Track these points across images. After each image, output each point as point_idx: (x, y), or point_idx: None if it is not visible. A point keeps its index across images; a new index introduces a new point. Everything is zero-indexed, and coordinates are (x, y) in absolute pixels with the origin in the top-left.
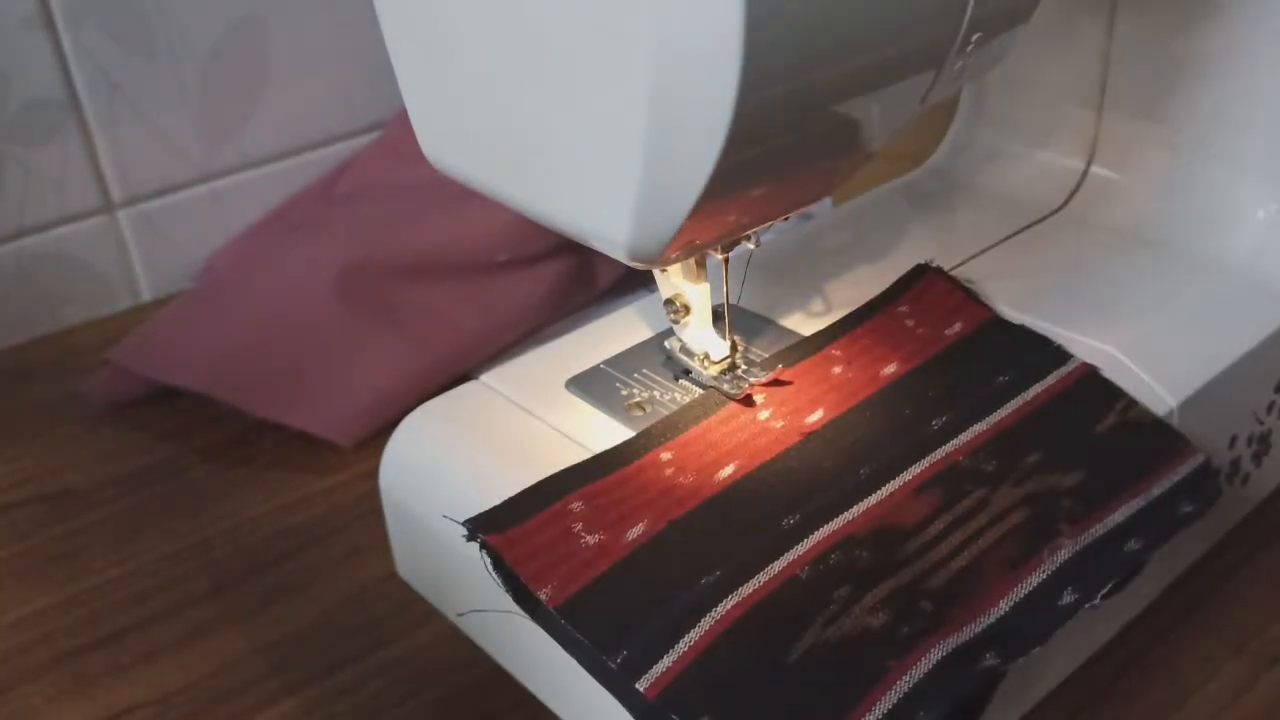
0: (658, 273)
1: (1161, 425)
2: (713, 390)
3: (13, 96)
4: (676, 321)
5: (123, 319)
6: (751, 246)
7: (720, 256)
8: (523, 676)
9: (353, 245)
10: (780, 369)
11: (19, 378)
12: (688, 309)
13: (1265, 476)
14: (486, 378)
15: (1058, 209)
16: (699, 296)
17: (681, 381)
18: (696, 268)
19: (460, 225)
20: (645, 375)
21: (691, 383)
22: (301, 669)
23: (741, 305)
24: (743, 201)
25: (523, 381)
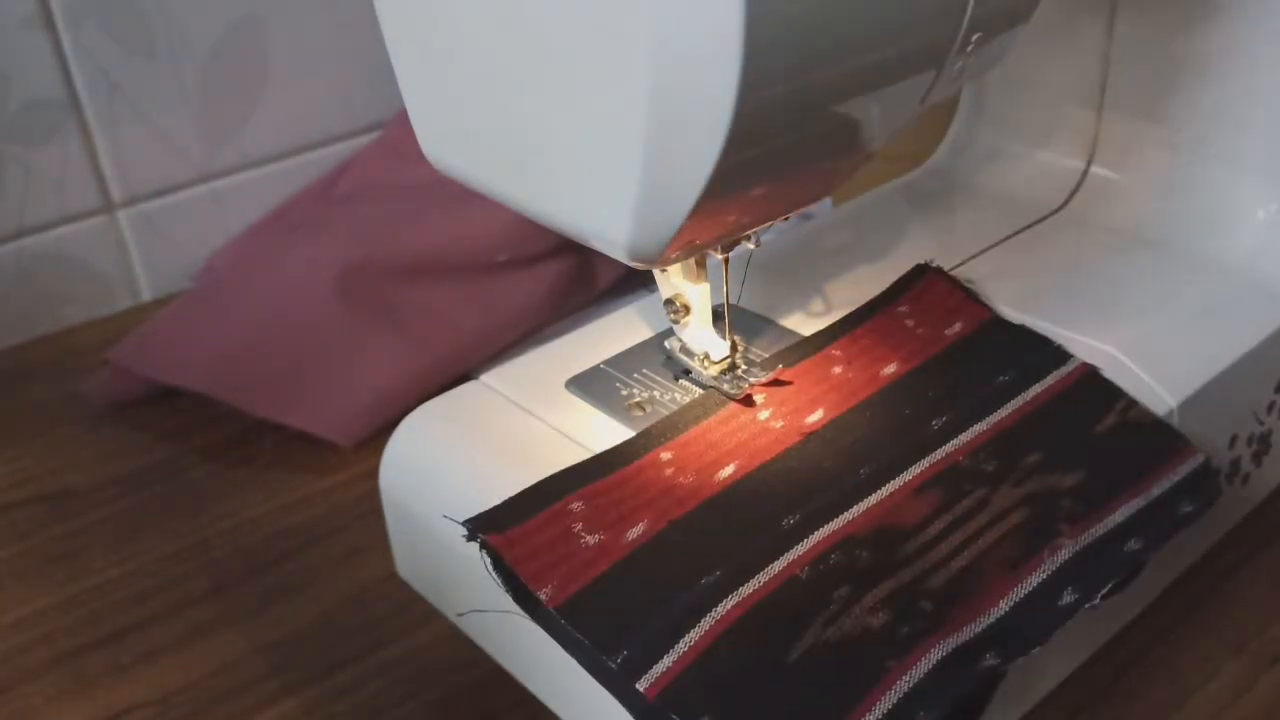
0: (658, 273)
1: (1161, 425)
2: (713, 390)
3: (13, 96)
4: (676, 321)
5: (123, 319)
6: (751, 246)
7: (720, 256)
8: (523, 676)
9: (353, 245)
10: (780, 369)
11: (19, 378)
12: (688, 309)
13: (1265, 476)
14: (486, 378)
15: (1058, 209)
16: (699, 296)
17: (681, 381)
18: (696, 268)
19: (460, 225)
20: (645, 375)
21: (691, 383)
22: (301, 669)
23: (741, 305)
24: (743, 201)
25: (523, 381)
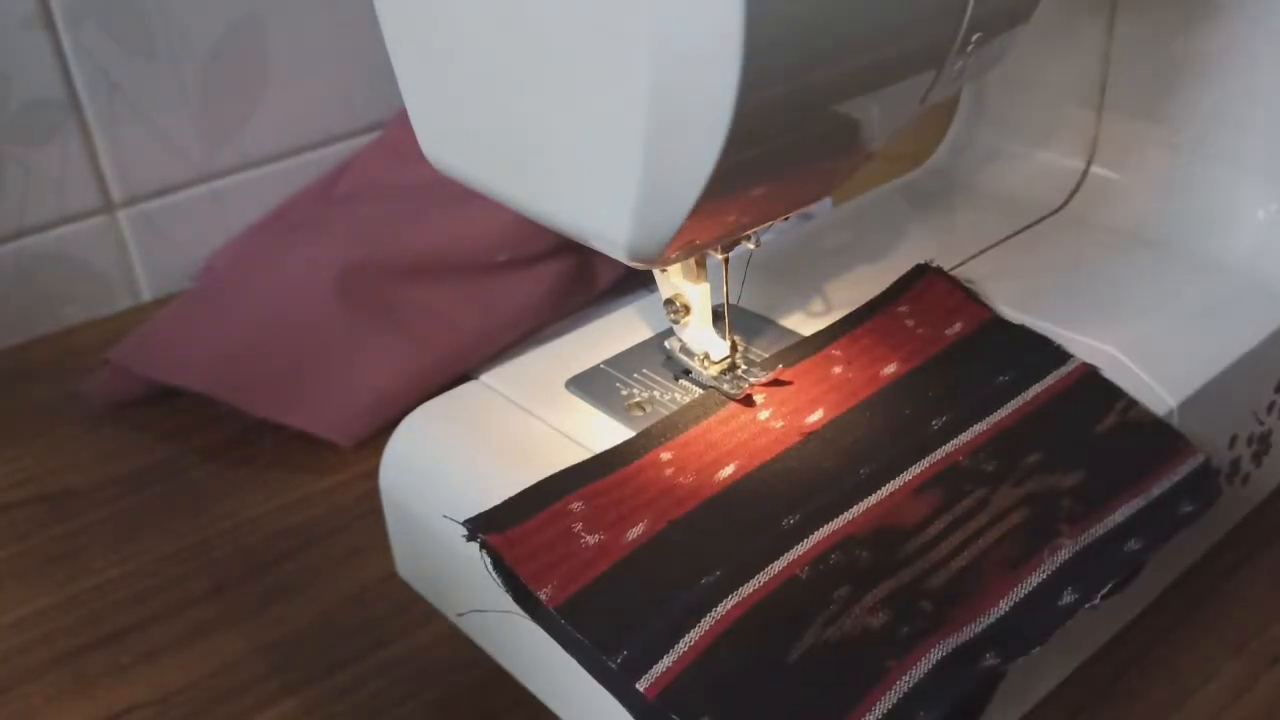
0: (658, 273)
1: (1161, 425)
2: (713, 390)
3: (13, 96)
4: (676, 321)
5: (123, 319)
6: (751, 246)
7: (720, 256)
8: (523, 676)
9: (353, 245)
10: (780, 369)
11: (19, 378)
12: (688, 309)
13: (1265, 476)
14: (486, 378)
15: (1058, 209)
16: (699, 296)
17: (681, 381)
18: (696, 268)
19: (460, 225)
20: (645, 375)
21: (691, 383)
22: (301, 669)
23: (741, 305)
24: (743, 201)
25: (523, 381)
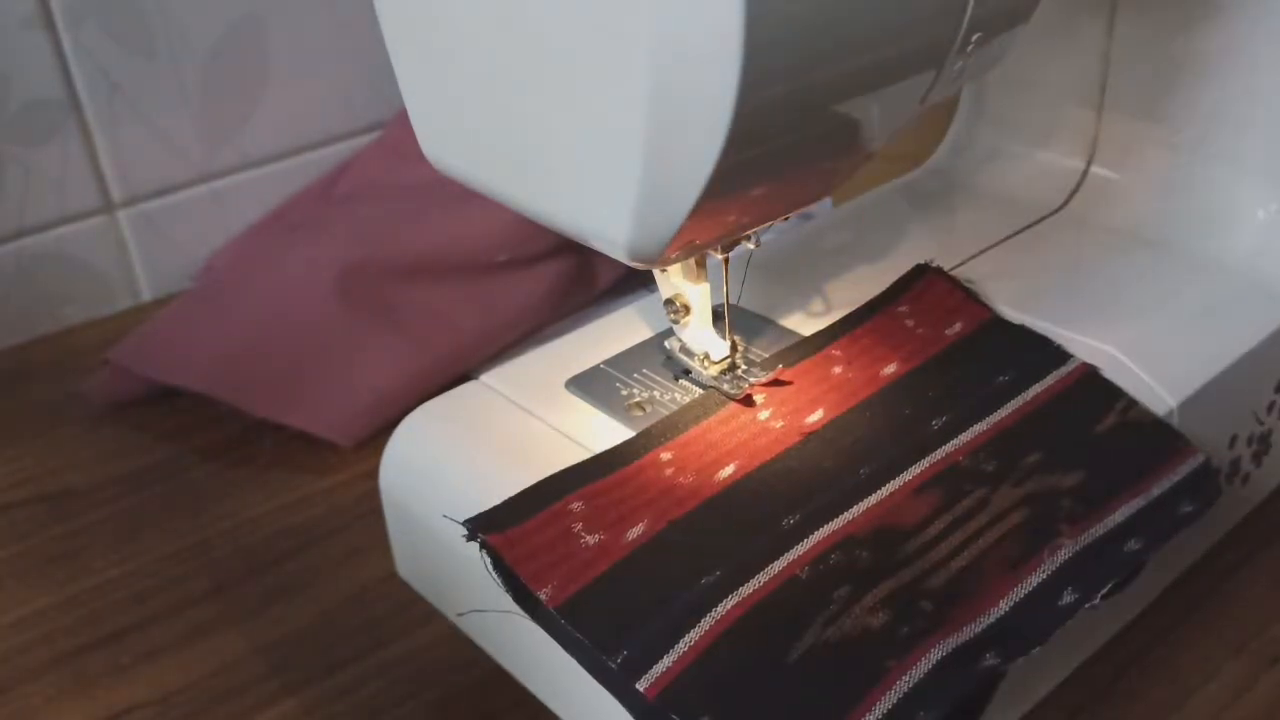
0: (658, 273)
1: (1161, 425)
2: (713, 390)
3: (13, 96)
4: (676, 321)
5: (123, 319)
6: (751, 246)
7: (720, 256)
8: (523, 676)
9: (353, 245)
10: (780, 369)
11: (19, 378)
12: (688, 309)
13: (1265, 476)
14: (486, 378)
15: (1058, 209)
16: (699, 296)
17: (681, 381)
18: (696, 268)
19: (460, 225)
20: (645, 375)
21: (691, 383)
22: (301, 669)
23: (741, 305)
24: (743, 201)
25: (523, 381)
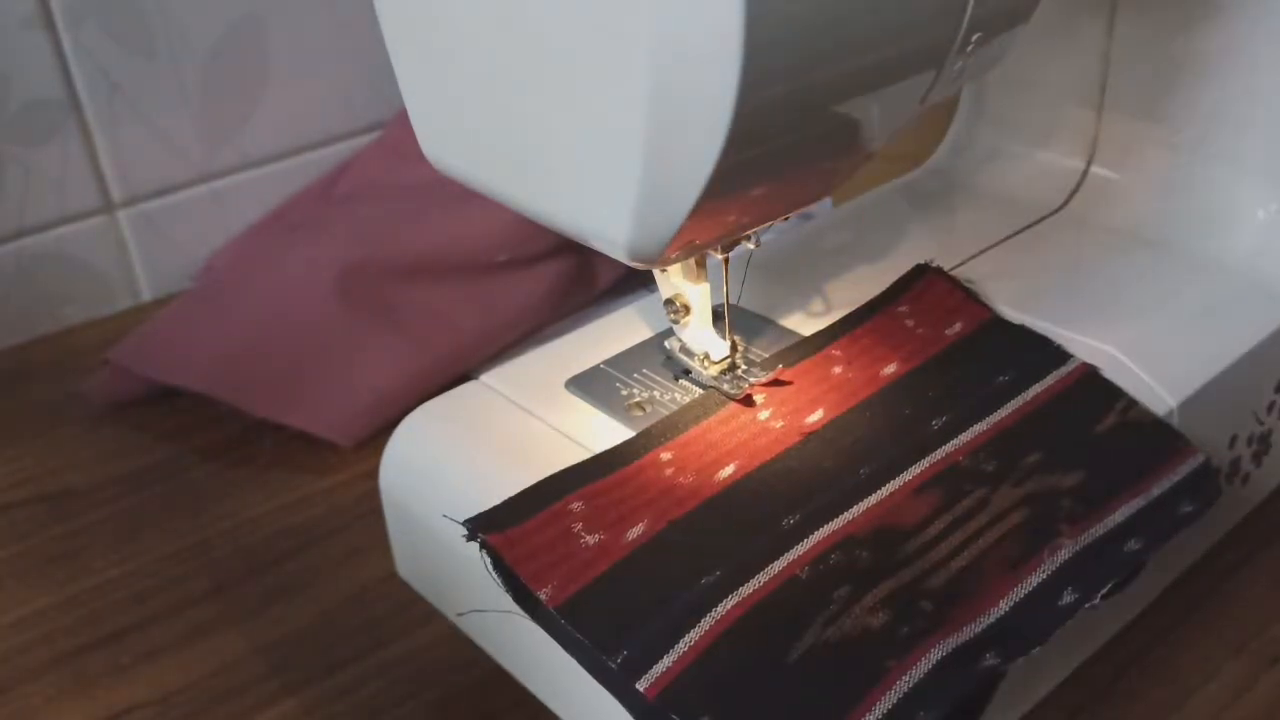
0: (658, 273)
1: (1161, 425)
2: (713, 390)
3: (13, 96)
4: (676, 321)
5: (123, 319)
6: (751, 246)
7: (720, 256)
8: (523, 676)
9: (353, 245)
10: (780, 369)
11: (19, 378)
12: (688, 309)
13: (1265, 476)
14: (486, 378)
15: (1058, 209)
16: (699, 296)
17: (681, 381)
18: (696, 268)
19: (460, 225)
20: (645, 375)
21: (691, 383)
22: (301, 669)
23: (741, 305)
24: (743, 201)
25: (523, 381)
